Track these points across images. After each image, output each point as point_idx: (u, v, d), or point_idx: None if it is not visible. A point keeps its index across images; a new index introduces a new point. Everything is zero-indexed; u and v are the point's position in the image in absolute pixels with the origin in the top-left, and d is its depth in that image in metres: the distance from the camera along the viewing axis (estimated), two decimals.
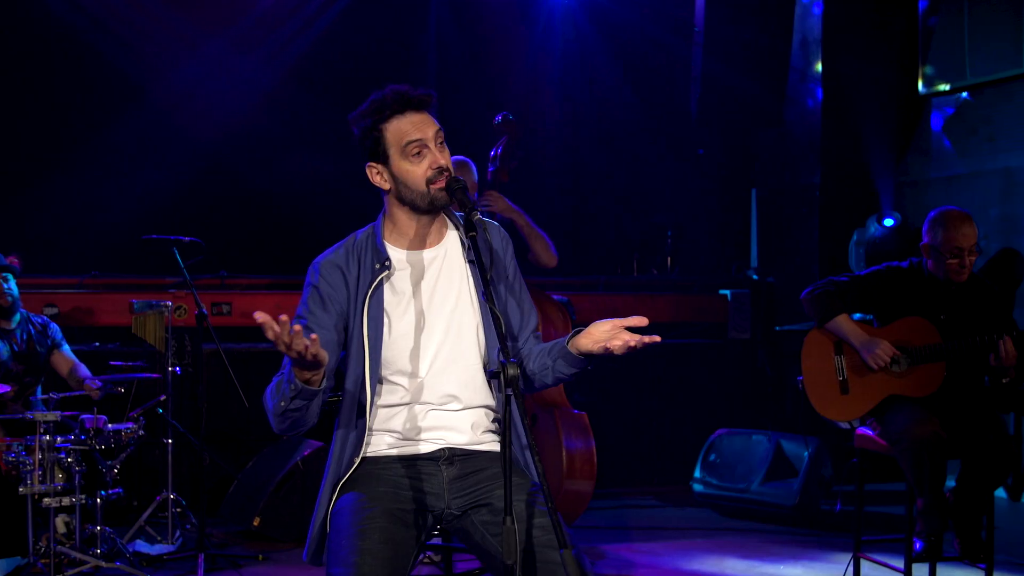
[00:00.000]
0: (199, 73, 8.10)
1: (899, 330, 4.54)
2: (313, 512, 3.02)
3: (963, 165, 7.88)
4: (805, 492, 6.55)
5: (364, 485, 2.94)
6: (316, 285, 3.02)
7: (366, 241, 3.07)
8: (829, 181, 8.24)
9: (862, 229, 7.88)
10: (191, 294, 6.76)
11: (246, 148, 8.10)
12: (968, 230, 4.48)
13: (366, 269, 3.00)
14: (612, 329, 2.87)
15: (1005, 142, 7.57)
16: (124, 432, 5.41)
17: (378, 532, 2.79)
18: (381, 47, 8.60)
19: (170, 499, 5.80)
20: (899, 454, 4.36)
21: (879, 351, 4.45)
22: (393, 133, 2.96)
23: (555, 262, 5.54)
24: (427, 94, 2.99)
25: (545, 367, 3.01)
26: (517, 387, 2.53)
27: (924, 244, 4.58)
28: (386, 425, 3.01)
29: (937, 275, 4.56)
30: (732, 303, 8.21)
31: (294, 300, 7.41)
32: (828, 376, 4.62)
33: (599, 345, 2.87)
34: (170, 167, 7.91)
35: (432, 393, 2.98)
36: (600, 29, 9.03)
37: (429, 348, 2.99)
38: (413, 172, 2.95)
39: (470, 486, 2.96)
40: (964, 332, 4.46)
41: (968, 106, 7.83)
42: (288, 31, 8.42)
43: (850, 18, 8.26)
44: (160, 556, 5.61)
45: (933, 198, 8.07)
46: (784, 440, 6.83)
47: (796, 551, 6.01)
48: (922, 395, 4.46)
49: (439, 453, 2.99)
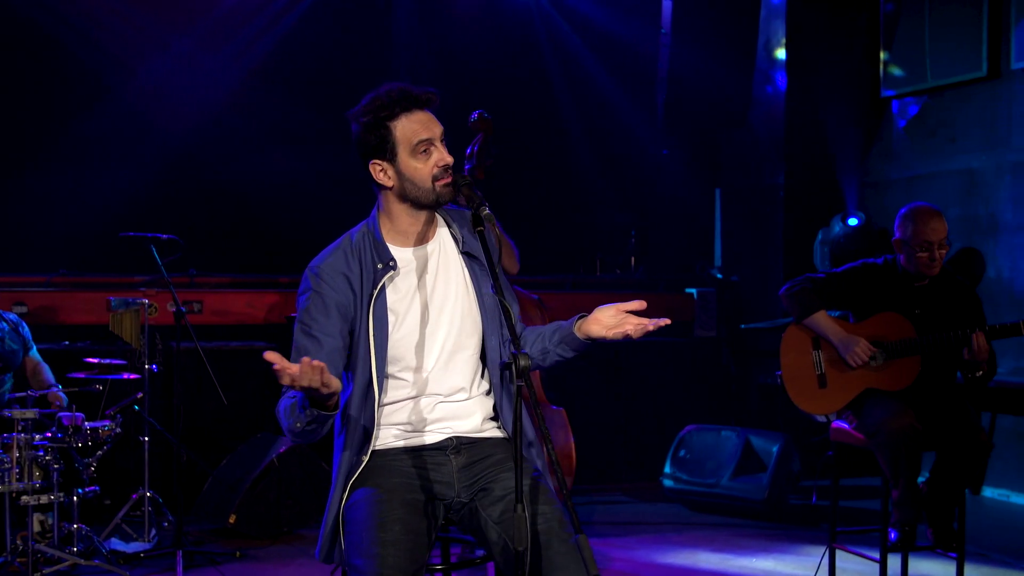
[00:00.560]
0: (167, 71, 8.08)
1: (875, 325, 4.64)
2: (325, 510, 3.04)
3: (924, 166, 8.04)
4: (774, 486, 6.66)
5: (377, 478, 2.97)
6: (319, 291, 3.01)
7: (363, 240, 3.07)
8: (793, 181, 8.37)
9: (827, 228, 8.01)
10: (162, 292, 6.78)
11: (214, 146, 8.08)
12: (937, 224, 4.59)
13: (368, 269, 3.01)
14: (617, 314, 2.96)
15: (965, 143, 7.73)
16: (101, 430, 5.39)
17: (399, 523, 2.83)
18: (347, 45, 8.60)
19: (146, 497, 5.78)
20: (876, 446, 4.47)
21: (858, 349, 4.56)
22: (402, 131, 3.00)
23: (516, 269, 5.60)
24: (433, 93, 3.04)
25: (545, 351, 3.09)
26: (529, 378, 2.58)
27: (896, 239, 4.68)
28: (392, 419, 3.05)
29: (910, 270, 4.67)
30: (698, 301, 8.32)
31: (265, 299, 7.52)
32: (806, 371, 4.72)
33: (613, 331, 2.95)
34: (138, 165, 7.87)
35: (440, 385, 3.03)
36: (566, 29, 9.09)
37: (435, 342, 3.04)
38: (421, 170, 2.99)
39: (477, 473, 3.02)
40: (938, 327, 4.58)
41: (929, 108, 7.99)
42: (254, 29, 8.41)
43: (813, 21, 8.40)
44: (137, 554, 5.59)
45: (894, 198, 8.22)
46: (753, 436, 6.94)
47: (766, 544, 6.11)
48: (898, 389, 4.56)
49: (447, 443, 3.04)
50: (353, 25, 8.66)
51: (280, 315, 7.31)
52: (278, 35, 8.45)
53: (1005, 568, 5.60)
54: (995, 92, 7.45)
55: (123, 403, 5.68)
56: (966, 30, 7.52)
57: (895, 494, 4.50)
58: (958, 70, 7.62)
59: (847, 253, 7.75)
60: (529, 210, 8.87)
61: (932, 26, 7.77)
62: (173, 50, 8.13)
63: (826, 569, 4.95)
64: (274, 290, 7.54)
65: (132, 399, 5.71)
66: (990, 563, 5.65)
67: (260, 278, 7.66)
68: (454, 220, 3.17)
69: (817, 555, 5.73)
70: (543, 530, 2.81)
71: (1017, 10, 7.19)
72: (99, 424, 5.41)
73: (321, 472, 6.28)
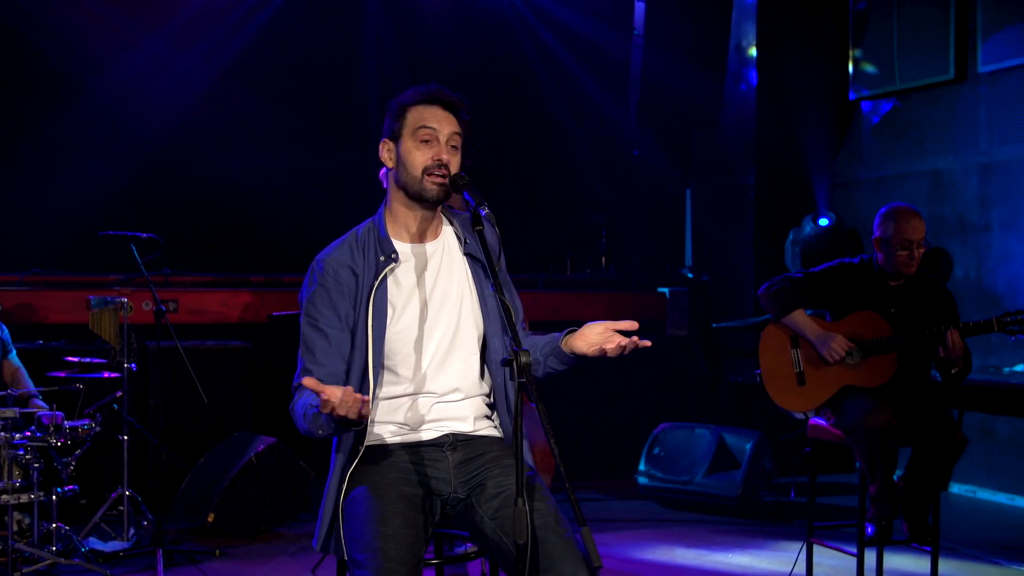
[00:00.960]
0: (139, 69, 8.05)
1: (852, 324, 4.72)
2: (322, 499, 3.09)
3: (892, 167, 8.16)
4: (748, 484, 6.74)
5: (375, 473, 3.01)
6: (323, 284, 3.07)
7: (368, 235, 3.14)
8: (763, 181, 8.47)
9: (798, 228, 8.10)
10: (137, 291, 6.78)
11: (188, 145, 8.07)
12: (918, 224, 4.69)
13: (371, 262, 3.08)
14: (604, 332, 3.00)
15: (932, 145, 7.85)
16: (81, 429, 5.38)
17: (399, 517, 2.87)
18: (318, 44, 8.61)
19: (125, 496, 5.78)
20: (854, 442, 4.55)
21: (834, 345, 4.64)
22: (412, 116, 3.08)
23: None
24: (457, 98, 3.12)
25: (536, 362, 3.13)
26: (531, 374, 2.63)
27: (875, 238, 4.77)
28: (390, 416, 3.10)
29: (887, 269, 4.75)
30: (671, 301, 8.39)
31: (240, 298, 7.52)
32: (785, 369, 4.79)
33: (594, 348, 2.99)
34: (111, 164, 7.85)
35: (435, 384, 3.08)
36: (537, 29, 9.14)
37: (432, 340, 3.08)
38: (415, 156, 3.06)
39: (473, 470, 3.07)
40: (913, 325, 4.67)
41: (897, 110, 8.11)
42: (225, 28, 8.40)
43: (783, 24, 8.50)
44: (116, 553, 5.58)
45: (863, 199, 8.34)
46: (726, 433, 7.02)
47: (741, 540, 6.19)
48: (875, 385, 4.65)
49: (443, 439, 3.09)
50: (323, 24, 8.67)
51: (256, 314, 7.31)
52: (249, 34, 8.45)
53: (974, 562, 5.72)
54: (962, 95, 7.58)
55: (102, 402, 5.67)
56: (934, 33, 7.64)
57: (872, 489, 4.58)
58: (926, 73, 7.74)
59: (817, 253, 7.86)
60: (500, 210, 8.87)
61: (900, 29, 7.89)
62: (144, 48, 8.11)
63: (803, 564, 5.03)
64: (249, 289, 7.53)
65: (111, 398, 5.70)
66: (960, 557, 5.76)
67: (235, 277, 7.65)
68: (458, 222, 3.22)
69: (792, 551, 5.83)
70: (539, 525, 2.86)
71: (984, 14, 7.32)
72: (78, 423, 5.39)
73: (299, 471, 6.30)
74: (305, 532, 6.23)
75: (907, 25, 7.85)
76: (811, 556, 5.00)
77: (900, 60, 7.89)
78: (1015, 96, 7.22)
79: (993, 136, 7.38)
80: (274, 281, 7.73)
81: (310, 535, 6.08)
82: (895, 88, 7.99)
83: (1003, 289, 7.29)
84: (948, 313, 4.78)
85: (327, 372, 3.01)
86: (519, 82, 9.14)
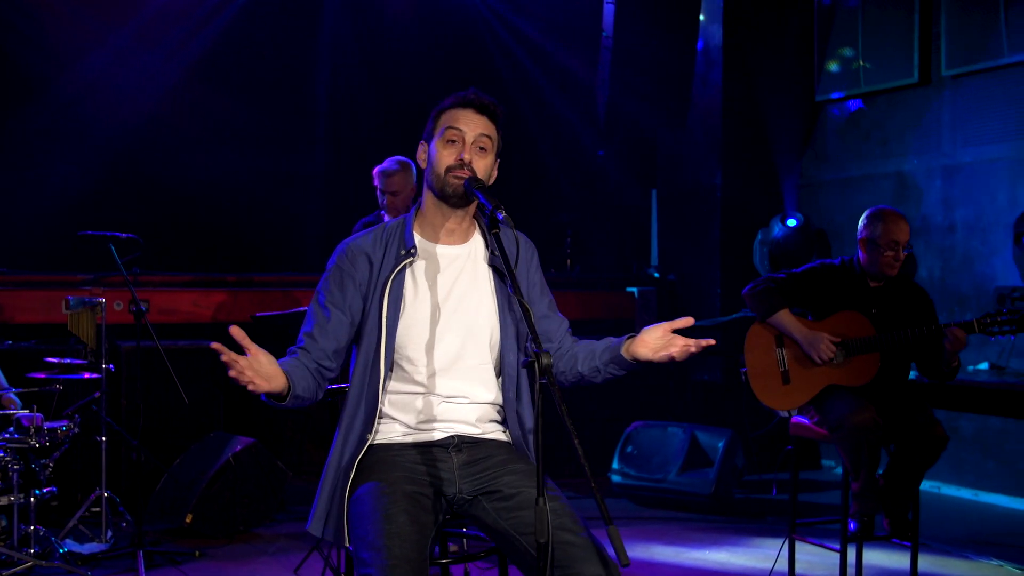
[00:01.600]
0: (103, 66, 7.99)
1: (836, 324, 4.81)
2: (319, 484, 3.14)
3: (857, 168, 8.29)
4: (720, 481, 6.82)
5: (380, 472, 3.04)
6: (339, 266, 3.17)
7: (395, 229, 3.21)
8: (730, 182, 8.56)
9: (766, 229, 8.20)
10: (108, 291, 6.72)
11: (156, 143, 8.02)
12: (904, 225, 4.78)
13: (391, 255, 3.14)
14: (664, 335, 3.06)
15: (897, 147, 7.99)
16: (59, 430, 5.34)
17: (404, 515, 2.89)
18: (283, 42, 8.58)
19: (104, 497, 5.73)
20: (839, 440, 4.63)
21: (822, 346, 4.71)
22: (444, 118, 3.17)
23: None
24: (490, 102, 3.18)
25: (595, 369, 3.19)
26: (552, 375, 2.66)
27: (862, 238, 4.85)
28: (398, 414, 3.13)
29: (870, 270, 4.84)
30: (639, 300, 8.46)
31: (212, 297, 7.48)
32: (770, 368, 4.87)
33: (660, 354, 3.05)
34: (77, 162, 7.79)
35: (443, 385, 3.11)
36: (501, 30, 9.16)
37: (442, 341, 3.11)
38: (441, 155, 3.12)
39: (479, 471, 3.09)
40: (893, 326, 4.76)
41: (862, 112, 8.24)
42: (189, 26, 8.35)
43: (750, 26, 8.61)
44: (95, 555, 5.54)
45: (828, 200, 8.47)
46: (699, 431, 7.09)
47: (716, 537, 6.27)
48: (859, 384, 4.73)
49: (448, 440, 3.12)
50: (287, 22, 8.63)
51: (228, 314, 7.27)
52: (214, 32, 8.40)
53: (945, 556, 5.85)
54: (926, 98, 7.72)
55: (80, 403, 5.62)
56: (899, 37, 7.78)
57: (855, 486, 4.66)
58: (891, 76, 7.88)
59: (786, 253, 7.97)
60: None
61: (865, 32, 8.02)
62: (109, 45, 8.04)
63: (785, 560, 5.10)
64: (222, 289, 7.50)
65: (90, 399, 5.65)
66: (931, 552, 5.88)
67: (207, 276, 7.61)
68: (504, 237, 3.20)
69: (766, 547, 5.95)
70: (556, 525, 2.88)
71: (948, 18, 7.46)
72: (57, 424, 5.35)
73: (276, 471, 6.28)
74: (283, 532, 6.21)
75: (872, 28, 7.98)
76: (793, 552, 5.08)
77: (865, 63, 8.02)
78: (978, 100, 7.37)
79: (956, 139, 7.52)
80: (246, 281, 7.70)
81: (288, 535, 6.12)
82: (860, 91, 8.12)
83: (967, 289, 7.43)
84: (926, 314, 4.88)
85: (318, 347, 3.11)
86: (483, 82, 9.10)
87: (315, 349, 3.10)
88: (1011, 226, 7.02)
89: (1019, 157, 7.12)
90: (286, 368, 2.98)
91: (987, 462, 7.32)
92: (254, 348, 2.86)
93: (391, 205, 5.88)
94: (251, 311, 7.40)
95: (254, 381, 2.84)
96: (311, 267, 8.15)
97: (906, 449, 4.66)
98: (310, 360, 3.09)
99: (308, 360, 3.09)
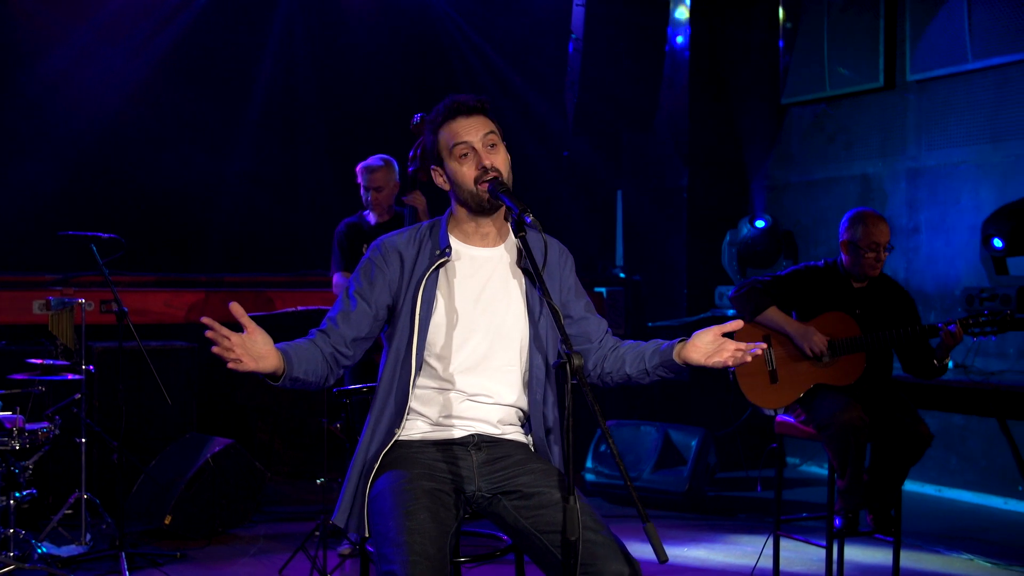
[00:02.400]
0: (65, 64, 7.87)
1: (822, 324, 4.90)
2: (345, 476, 3.18)
3: (822, 171, 8.42)
4: (694, 479, 6.90)
5: (401, 467, 3.08)
6: (373, 260, 3.22)
7: (430, 230, 3.25)
8: (696, 183, 8.66)
9: (734, 230, 8.30)
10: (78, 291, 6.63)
11: (123, 142, 7.93)
12: (884, 227, 4.89)
13: (425, 254, 3.18)
14: (715, 339, 3.10)
15: (862, 150, 8.13)
16: (40, 432, 5.28)
17: (425, 511, 2.92)
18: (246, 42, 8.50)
19: (83, 499, 5.68)
20: (827, 439, 4.72)
21: (815, 339, 4.80)
22: (443, 138, 3.17)
23: None
24: (476, 100, 3.17)
25: (643, 372, 3.24)
26: (583, 376, 2.70)
27: (844, 241, 4.95)
28: (422, 409, 3.17)
29: (853, 271, 4.94)
30: (608, 300, 8.52)
31: (184, 298, 7.43)
32: (758, 367, 4.94)
33: (713, 360, 3.09)
34: (42, 160, 7.68)
35: (467, 383, 3.15)
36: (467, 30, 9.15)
37: (470, 340, 3.15)
38: (461, 172, 3.14)
39: (498, 470, 3.14)
40: (877, 325, 4.87)
41: (828, 116, 8.37)
42: (152, 23, 8.25)
43: (716, 29, 8.71)
44: (74, 557, 5.49)
45: (794, 202, 8.59)
46: (672, 430, 7.17)
47: (693, 534, 6.34)
48: (845, 384, 4.83)
49: (469, 439, 3.16)
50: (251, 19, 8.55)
51: (200, 315, 7.20)
52: (178, 29, 8.30)
53: (917, 551, 5.97)
54: (892, 102, 7.86)
55: (61, 404, 5.57)
56: (864, 42, 7.91)
57: (841, 483, 4.76)
58: (856, 80, 8.00)
59: (754, 254, 8.08)
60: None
61: (831, 36, 8.14)
62: (72, 42, 7.93)
63: (767, 557, 5.19)
64: (193, 289, 7.45)
65: (70, 400, 5.60)
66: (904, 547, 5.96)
67: (177, 277, 7.56)
68: (531, 239, 3.23)
69: (743, 543, 6.04)
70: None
71: (912, 23, 7.60)
72: (38, 426, 5.30)
73: (255, 472, 6.27)
74: (262, 533, 6.20)
75: (838, 33, 8.10)
76: (778, 548, 5.16)
77: (831, 67, 8.14)
78: (942, 104, 7.52)
79: (921, 142, 7.67)
80: (216, 281, 7.65)
81: (267, 536, 6.12)
82: (825, 94, 8.24)
83: (931, 289, 7.59)
84: (909, 314, 4.99)
85: (338, 333, 3.15)
86: (447, 82, 9.13)
87: (335, 334, 3.14)
88: (974, 228, 7.18)
89: (982, 161, 7.28)
90: (288, 350, 3.01)
91: (950, 459, 7.48)
92: (252, 326, 2.89)
93: (375, 201, 5.90)
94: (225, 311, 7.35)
95: (242, 360, 2.86)
96: (281, 267, 8.14)
97: (891, 447, 4.76)
98: (327, 344, 3.13)
99: (325, 344, 3.13)
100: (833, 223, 8.19)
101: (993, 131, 7.21)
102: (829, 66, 8.14)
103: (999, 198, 7.01)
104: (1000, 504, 7.16)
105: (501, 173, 3.13)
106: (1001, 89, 7.16)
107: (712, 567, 5.68)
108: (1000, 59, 7.08)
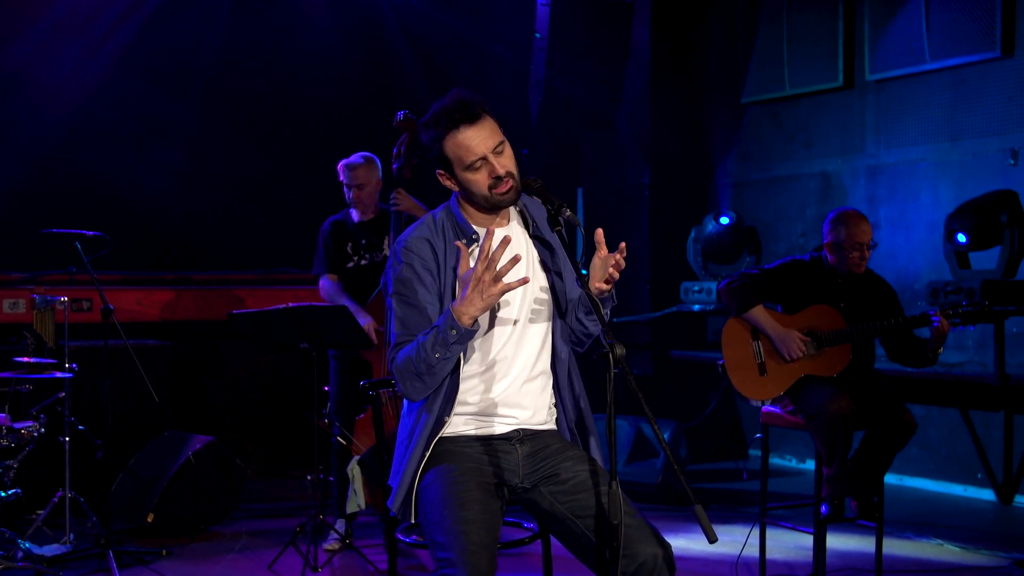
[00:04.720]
0: (23, 59, 7.77)
1: (809, 317, 5.03)
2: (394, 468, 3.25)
3: (783, 168, 8.59)
4: (667, 471, 7.02)
5: (451, 460, 3.15)
6: (409, 262, 3.19)
7: (445, 220, 3.27)
8: (658, 181, 8.78)
9: (699, 227, 8.44)
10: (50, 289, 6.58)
11: (87, 140, 7.85)
12: (866, 226, 5.03)
13: (451, 243, 3.20)
14: (601, 265, 3.19)
15: (821, 148, 8.31)
16: (24, 431, 5.25)
17: (477, 503, 3.00)
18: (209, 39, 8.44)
19: (67, 498, 5.64)
20: (816, 428, 4.85)
21: (793, 346, 4.94)
22: (451, 149, 3.17)
23: None
24: (477, 106, 3.17)
25: (579, 321, 3.32)
26: (626, 365, 2.78)
27: (828, 242, 5.08)
28: (467, 398, 3.22)
29: (838, 268, 5.08)
30: None
31: (156, 296, 7.39)
32: (747, 360, 5.07)
33: (605, 278, 3.18)
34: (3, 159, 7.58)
35: (511, 363, 3.22)
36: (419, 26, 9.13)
37: (508, 318, 3.23)
38: (475, 181, 3.18)
39: (539, 461, 3.23)
40: (862, 318, 5.01)
41: (787, 114, 8.54)
42: (110, 18, 8.16)
43: (676, 30, 8.85)
44: (59, 556, 5.45)
45: (754, 199, 8.75)
46: (644, 424, 7.27)
47: (670, 525, 6.44)
48: (832, 374, 4.97)
49: (513, 434, 3.24)
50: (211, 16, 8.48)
51: (173, 312, 7.20)
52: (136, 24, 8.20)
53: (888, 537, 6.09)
54: (851, 101, 8.04)
55: (46, 403, 5.54)
56: (823, 41, 8.08)
57: (828, 471, 4.90)
58: (815, 79, 8.17)
59: (720, 250, 8.22)
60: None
61: (790, 36, 8.30)
62: (28, 38, 7.83)
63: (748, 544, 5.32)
64: (163, 287, 7.41)
65: (55, 398, 5.57)
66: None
67: (145, 275, 7.51)
68: (527, 204, 3.36)
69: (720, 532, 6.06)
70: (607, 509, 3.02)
71: (871, 24, 7.79)
72: (23, 425, 5.27)
73: (236, 469, 6.27)
74: (244, 530, 6.21)
75: (797, 32, 8.26)
76: (764, 535, 5.27)
77: (790, 66, 8.30)
78: (900, 103, 7.72)
79: (880, 140, 7.86)
80: (184, 279, 7.62)
81: (249, 533, 6.13)
82: (785, 93, 8.40)
83: (892, 283, 7.73)
84: (892, 306, 5.14)
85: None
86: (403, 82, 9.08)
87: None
88: (933, 224, 7.38)
89: (940, 159, 7.49)
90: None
91: (911, 448, 7.67)
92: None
93: (357, 199, 5.93)
94: (195, 310, 7.35)
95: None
96: (248, 265, 8.11)
97: (877, 435, 4.90)
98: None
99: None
100: (794, 220, 8.39)
101: (951, 130, 7.41)
102: (789, 66, 8.30)
103: (958, 195, 7.22)
104: (960, 492, 7.37)
105: (514, 175, 3.20)
106: (958, 89, 7.37)
107: (694, 555, 5.80)
108: (957, 60, 7.28)
